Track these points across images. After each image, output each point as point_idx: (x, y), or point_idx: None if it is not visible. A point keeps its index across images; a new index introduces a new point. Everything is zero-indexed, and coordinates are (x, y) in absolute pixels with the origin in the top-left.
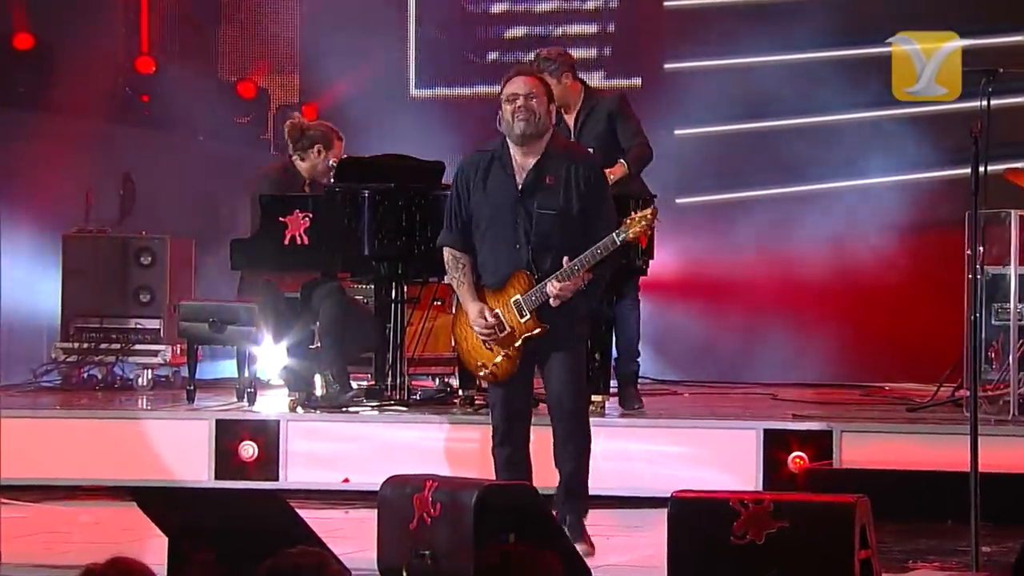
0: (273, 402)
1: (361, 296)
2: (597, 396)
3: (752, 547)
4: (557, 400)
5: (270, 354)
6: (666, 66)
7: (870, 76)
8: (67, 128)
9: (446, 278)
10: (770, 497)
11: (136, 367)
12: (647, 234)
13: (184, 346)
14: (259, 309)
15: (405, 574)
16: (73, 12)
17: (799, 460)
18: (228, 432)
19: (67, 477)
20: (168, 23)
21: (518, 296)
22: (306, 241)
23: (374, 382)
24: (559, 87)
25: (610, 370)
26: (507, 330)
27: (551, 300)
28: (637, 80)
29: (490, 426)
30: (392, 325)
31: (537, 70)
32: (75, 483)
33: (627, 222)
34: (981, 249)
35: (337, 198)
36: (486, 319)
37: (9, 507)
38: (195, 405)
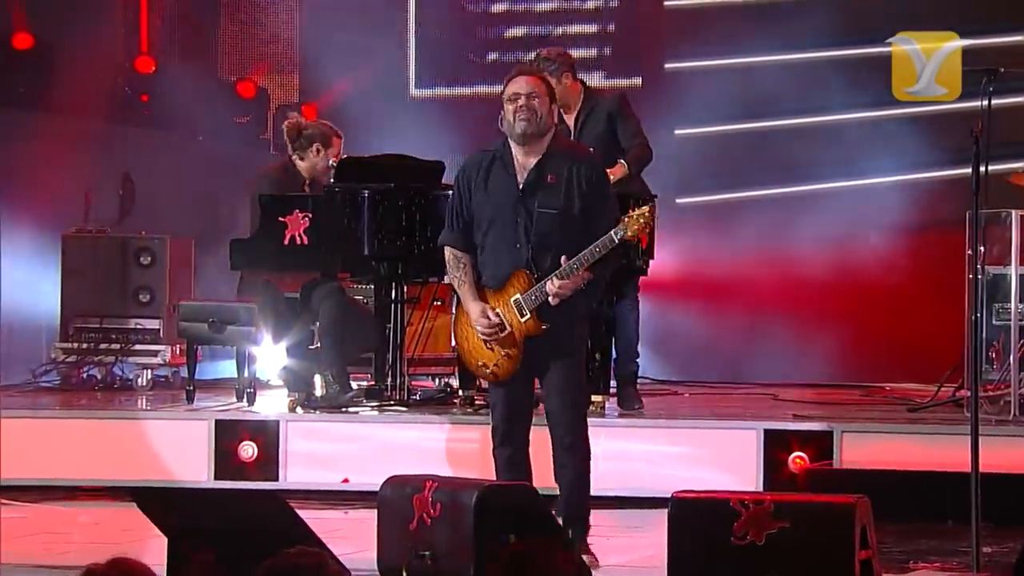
0: (273, 402)
1: (361, 296)
2: (597, 396)
3: (752, 548)
4: (556, 414)
5: (270, 354)
6: (666, 66)
7: (870, 76)
8: (66, 128)
9: (447, 278)
10: (770, 498)
11: (135, 367)
12: (646, 232)
13: (184, 346)
14: (259, 309)
15: (405, 575)
16: (72, 12)
17: (799, 460)
18: (228, 432)
19: (66, 477)
20: (168, 23)
21: (518, 295)
22: (306, 241)
23: (374, 382)
24: (559, 87)
25: (610, 370)
26: (508, 330)
27: (550, 299)
28: (637, 80)
29: (490, 426)
30: (392, 325)
31: (537, 70)
32: (74, 483)
33: (625, 220)
34: (982, 249)
35: (337, 198)
36: (489, 318)
37: (8, 507)
38: (194, 405)
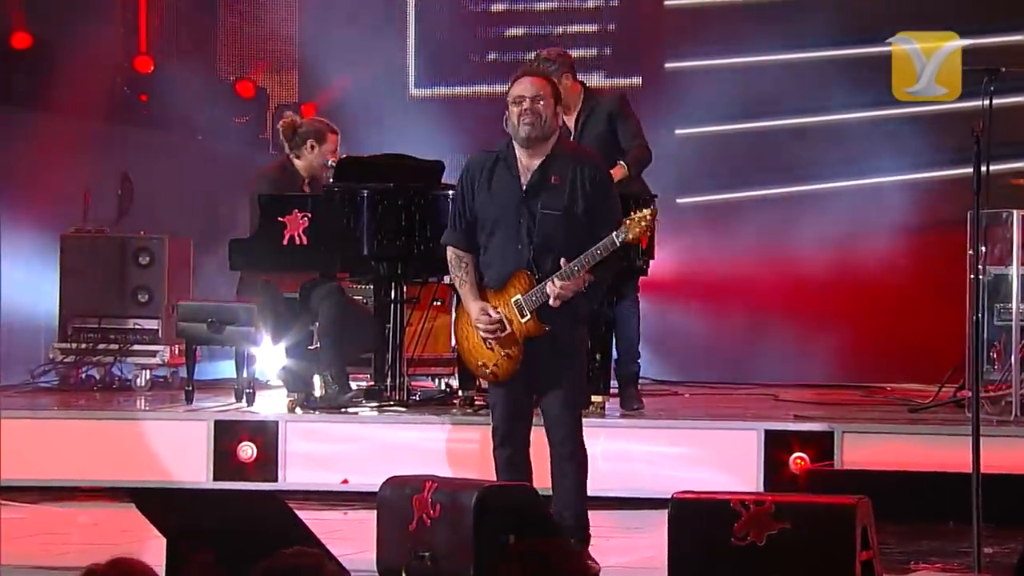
0: (272, 403)
1: (360, 296)
2: (597, 397)
3: (753, 548)
4: (555, 417)
5: (269, 355)
6: (666, 66)
7: (870, 76)
8: (65, 128)
9: (447, 277)
10: (771, 498)
11: (134, 367)
12: (647, 234)
13: (182, 346)
14: (258, 309)
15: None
16: (71, 11)
17: (800, 461)
18: (227, 433)
19: (65, 478)
20: (166, 22)
21: (519, 296)
22: (305, 241)
23: (373, 383)
24: (559, 88)
25: (610, 371)
26: (508, 329)
27: (551, 300)
28: (637, 80)
29: (490, 427)
30: (391, 325)
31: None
32: (73, 484)
33: (627, 223)
34: (983, 249)
35: (336, 198)
36: (489, 315)
37: (8, 508)
38: (193, 406)
